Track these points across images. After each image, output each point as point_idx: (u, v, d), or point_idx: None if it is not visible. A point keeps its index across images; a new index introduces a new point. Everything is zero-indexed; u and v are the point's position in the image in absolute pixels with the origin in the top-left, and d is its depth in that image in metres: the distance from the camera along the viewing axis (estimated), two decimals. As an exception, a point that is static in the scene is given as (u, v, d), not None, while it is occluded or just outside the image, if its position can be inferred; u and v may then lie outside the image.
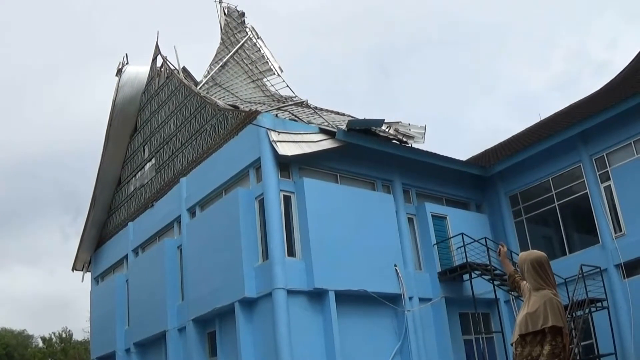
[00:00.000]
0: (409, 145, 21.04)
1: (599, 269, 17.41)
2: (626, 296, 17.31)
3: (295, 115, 19.91)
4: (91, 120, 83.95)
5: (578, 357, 16.31)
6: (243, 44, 25.01)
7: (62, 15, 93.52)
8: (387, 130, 20.87)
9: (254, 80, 23.55)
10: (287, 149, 16.28)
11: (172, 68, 23.81)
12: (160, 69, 24.67)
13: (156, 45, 25.17)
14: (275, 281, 15.15)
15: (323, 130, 17.65)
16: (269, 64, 24.19)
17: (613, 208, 18.36)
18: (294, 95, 22.52)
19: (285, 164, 16.70)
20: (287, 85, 22.70)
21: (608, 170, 18.57)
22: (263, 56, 24.62)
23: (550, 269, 4.98)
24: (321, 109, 22.64)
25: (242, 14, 26.71)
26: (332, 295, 15.65)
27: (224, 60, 24.13)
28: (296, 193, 16.51)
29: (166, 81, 23.89)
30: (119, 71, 26.04)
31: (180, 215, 19.96)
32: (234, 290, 15.99)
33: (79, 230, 29.01)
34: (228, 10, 26.56)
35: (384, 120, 19.36)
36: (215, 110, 19.49)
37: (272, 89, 23.40)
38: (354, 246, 16.52)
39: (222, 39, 25.50)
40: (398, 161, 19.10)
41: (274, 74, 23.75)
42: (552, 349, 4.65)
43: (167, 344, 19.28)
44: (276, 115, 17.94)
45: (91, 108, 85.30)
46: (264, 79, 23.69)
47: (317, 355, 15.16)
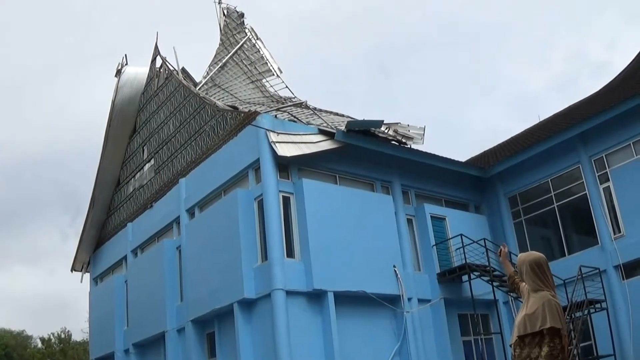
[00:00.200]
0: (408, 146, 21.06)
1: (598, 270, 17.40)
2: (625, 297, 17.31)
3: (295, 116, 19.90)
4: (91, 121, 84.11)
5: (577, 359, 16.30)
6: (242, 45, 24.99)
7: (62, 15, 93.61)
8: (386, 131, 20.88)
9: (253, 81, 23.54)
10: (286, 150, 16.28)
11: (172, 69, 23.80)
12: (160, 69, 24.66)
13: (155, 46, 25.17)
14: (274, 282, 15.15)
15: (322, 131, 17.66)
16: (268, 64, 24.16)
17: (612, 209, 18.36)
18: (293, 96, 22.49)
19: (284, 165, 16.70)
20: (287, 86, 22.68)
21: (607, 172, 18.57)
22: (262, 57, 24.58)
23: (549, 270, 4.98)
24: (320, 110, 22.64)
25: (242, 15, 26.69)
26: (331, 296, 15.65)
27: (223, 61, 24.12)
28: (295, 194, 16.50)
29: (165, 82, 23.89)
30: (118, 72, 26.03)
31: (179, 216, 19.95)
32: (233, 291, 15.99)
33: (79, 231, 28.99)
34: (227, 11, 26.55)
35: (383, 121, 19.39)
36: (215, 111, 19.49)
37: (272, 89, 23.37)
38: (353, 247, 16.51)
39: (222, 39, 25.50)
40: (397, 162, 19.10)
41: (273, 74, 23.71)
42: (551, 351, 4.65)
43: (166, 344, 19.26)
44: (275, 116, 17.93)
45: (91, 108, 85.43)
46: (263, 80, 23.66)
47: (316, 356, 15.15)
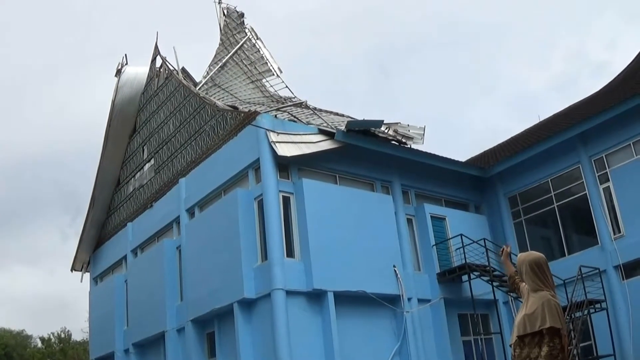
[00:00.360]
0: (408, 146, 21.06)
1: (598, 270, 17.39)
2: (625, 297, 17.31)
3: (295, 116, 19.90)
4: (91, 121, 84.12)
5: (577, 359, 16.29)
6: (242, 45, 24.99)
7: (62, 15, 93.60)
8: (386, 131, 20.88)
9: (253, 81, 23.53)
10: (286, 150, 16.28)
11: (172, 68, 23.80)
12: (160, 69, 24.66)
13: (155, 46, 25.17)
14: (274, 282, 15.15)
15: (322, 131, 17.65)
16: (268, 64, 24.15)
17: (612, 209, 18.35)
18: (293, 96, 22.48)
19: (284, 165, 16.70)
20: (287, 86, 22.67)
21: (607, 172, 18.56)
22: (262, 57, 24.57)
23: (548, 270, 4.98)
24: (320, 110, 22.63)
25: (242, 15, 26.68)
26: (331, 296, 15.65)
27: (223, 60, 24.11)
28: (295, 194, 16.50)
29: (165, 82, 23.88)
30: (118, 72, 26.03)
31: (179, 216, 19.95)
32: (233, 290, 15.99)
33: (79, 231, 29.01)
34: (227, 11, 26.54)
35: (383, 121, 19.39)
36: (215, 110, 19.49)
37: (271, 89, 23.36)
38: (353, 247, 16.51)
39: (222, 39, 25.49)
40: (397, 162, 19.10)
41: (273, 74, 23.70)
42: (550, 351, 4.65)
43: (166, 344, 19.26)
44: (275, 116, 17.92)
45: (91, 108, 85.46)
46: (263, 80, 23.65)
47: (316, 356, 15.15)
